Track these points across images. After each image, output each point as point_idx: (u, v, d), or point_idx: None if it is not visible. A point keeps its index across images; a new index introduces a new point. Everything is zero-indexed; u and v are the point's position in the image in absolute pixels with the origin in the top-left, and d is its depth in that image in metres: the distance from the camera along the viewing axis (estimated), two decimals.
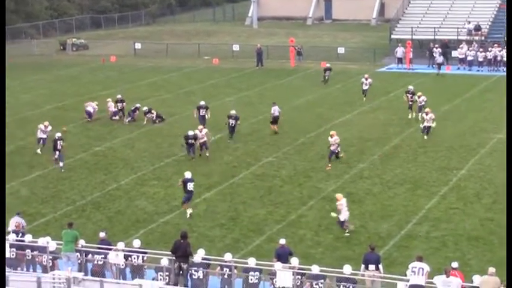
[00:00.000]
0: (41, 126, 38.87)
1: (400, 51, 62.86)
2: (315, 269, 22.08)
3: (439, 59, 59.87)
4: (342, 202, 28.06)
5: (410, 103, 45.04)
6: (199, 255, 23.34)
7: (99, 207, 30.88)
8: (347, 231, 28.00)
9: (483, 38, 65.39)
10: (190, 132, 37.32)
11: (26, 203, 31.86)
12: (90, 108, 45.70)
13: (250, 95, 52.91)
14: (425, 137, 39.78)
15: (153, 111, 45.11)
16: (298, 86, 55.95)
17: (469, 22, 66.76)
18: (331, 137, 36.13)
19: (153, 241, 27.38)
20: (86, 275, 23.37)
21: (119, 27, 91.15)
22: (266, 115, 45.45)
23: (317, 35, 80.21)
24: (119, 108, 45.58)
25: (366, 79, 50.41)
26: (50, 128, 38.82)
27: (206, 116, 41.60)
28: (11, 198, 32.28)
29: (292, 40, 66.64)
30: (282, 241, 24.11)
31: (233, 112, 40.45)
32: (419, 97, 44.30)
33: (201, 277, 22.96)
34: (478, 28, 65.82)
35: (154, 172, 35.69)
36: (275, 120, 41.93)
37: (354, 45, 72.48)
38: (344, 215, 28.05)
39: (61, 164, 36.09)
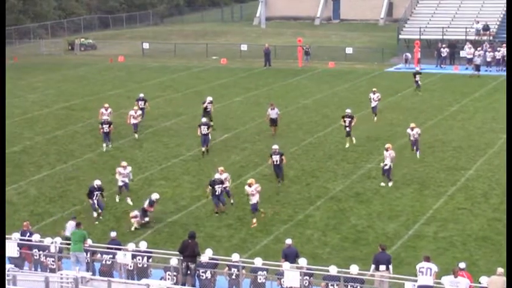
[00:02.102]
0: (120, 169, 31.91)
1: (408, 56, 62.75)
2: (333, 270, 22.07)
3: (478, 60, 59.33)
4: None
5: (348, 129, 38.59)
6: (206, 255, 23.37)
7: (106, 207, 30.86)
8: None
9: (491, 37, 65.24)
10: (217, 176, 31.01)
11: (34, 202, 31.93)
12: (105, 117, 40.43)
13: (258, 94, 52.91)
14: (390, 184, 33.10)
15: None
16: (306, 86, 55.92)
17: (478, 22, 66.62)
18: (250, 186, 29.61)
19: (160, 241, 27.40)
20: (93, 274, 23.43)
21: (127, 27, 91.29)
22: None
23: (325, 35, 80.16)
24: (104, 131, 38.94)
25: (374, 93, 44.50)
26: (129, 168, 32.18)
27: (209, 136, 37.89)
28: (19, 198, 32.37)
29: (300, 40, 66.60)
30: (289, 241, 24.10)
31: (275, 147, 34.00)
32: (412, 129, 36.79)
33: (209, 277, 22.98)
34: (486, 28, 65.68)
35: (161, 172, 35.71)
36: (273, 123, 40.79)
37: (362, 45, 72.43)
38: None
39: (100, 211, 30.13)
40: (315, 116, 45.63)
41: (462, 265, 21.97)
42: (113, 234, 25.15)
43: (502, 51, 60.59)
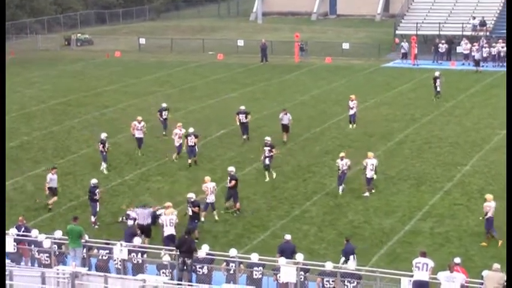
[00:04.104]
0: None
1: (405, 46, 62.50)
2: (329, 266, 22.21)
3: (477, 55, 59.28)
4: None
5: (267, 161, 34.09)
6: (203, 251, 23.42)
7: (103, 202, 30.82)
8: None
9: (488, 33, 65.29)
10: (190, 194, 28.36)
11: (31, 198, 31.90)
12: (138, 134, 37.66)
13: (254, 90, 52.90)
14: (340, 189, 31.81)
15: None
16: (303, 81, 55.91)
17: (474, 18, 66.63)
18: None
19: (156, 236, 27.39)
20: (90, 269, 23.45)
21: (124, 22, 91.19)
22: (271, 111, 45.56)
23: (322, 30, 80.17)
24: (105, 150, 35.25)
25: (352, 100, 41.93)
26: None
27: (196, 148, 35.75)
28: (15, 193, 32.38)
29: (297, 35, 66.53)
30: (288, 237, 24.10)
31: (231, 170, 30.34)
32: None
33: (206, 272, 23.02)
34: (483, 23, 65.68)
35: (158, 168, 35.70)
36: (285, 129, 39.35)
37: (359, 40, 72.38)
38: None
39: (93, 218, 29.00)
40: (312, 112, 45.62)
41: (457, 260, 22.03)
42: (130, 223, 25.27)
43: (498, 46, 60.59)
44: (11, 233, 24.80)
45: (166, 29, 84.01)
